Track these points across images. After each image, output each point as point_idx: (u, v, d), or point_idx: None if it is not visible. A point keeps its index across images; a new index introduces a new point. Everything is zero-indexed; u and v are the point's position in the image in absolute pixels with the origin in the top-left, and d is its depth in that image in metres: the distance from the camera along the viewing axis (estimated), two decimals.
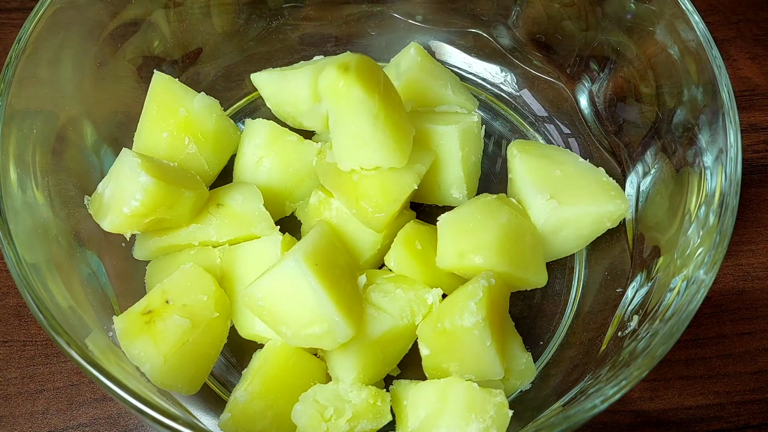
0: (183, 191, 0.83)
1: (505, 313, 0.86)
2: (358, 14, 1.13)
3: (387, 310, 0.83)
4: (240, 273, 0.87)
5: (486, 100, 1.13)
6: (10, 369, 0.93)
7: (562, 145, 1.07)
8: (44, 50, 0.83)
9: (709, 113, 0.81)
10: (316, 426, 0.76)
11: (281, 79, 1.00)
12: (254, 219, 0.88)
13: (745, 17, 1.25)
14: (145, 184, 0.79)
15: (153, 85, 0.93)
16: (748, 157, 1.13)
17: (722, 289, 1.02)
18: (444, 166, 0.94)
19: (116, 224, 0.82)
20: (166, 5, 0.99)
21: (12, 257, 0.71)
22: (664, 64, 0.89)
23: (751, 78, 1.19)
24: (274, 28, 1.10)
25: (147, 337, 0.77)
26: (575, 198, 0.90)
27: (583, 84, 1.04)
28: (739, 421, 0.93)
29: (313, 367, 0.83)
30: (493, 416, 0.76)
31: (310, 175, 0.96)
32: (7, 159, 0.76)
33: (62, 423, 0.90)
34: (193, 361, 0.79)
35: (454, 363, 0.79)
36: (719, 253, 0.71)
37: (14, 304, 0.98)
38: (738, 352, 0.97)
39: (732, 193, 0.74)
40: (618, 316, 0.86)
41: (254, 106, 1.11)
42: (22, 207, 0.77)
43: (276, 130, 0.95)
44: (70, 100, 0.88)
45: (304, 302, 0.76)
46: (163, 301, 0.80)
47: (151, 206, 0.80)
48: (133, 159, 0.81)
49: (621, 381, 0.67)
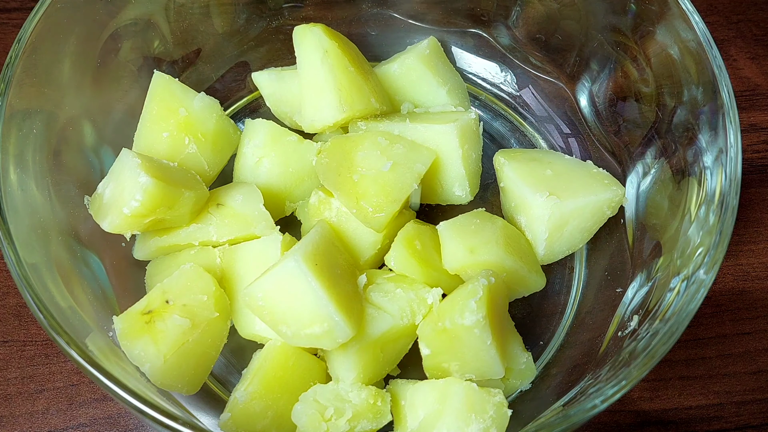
0: (183, 191, 0.83)
1: (505, 313, 0.86)
2: (358, 14, 1.13)
3: (387, 310, 0.83)
4: (240, 273, 0.87)
5: (486, 100, 1.13)
6: (10, 369, 0.93)
7: (562, 145, 1.07)
8: (44, 50, 0.83)
9: (709, 113, 0.81)
10: (316, 426, 0.76)
11: (281, 79, 1.00)
12: (254, 219, 0.88)
13: (745, 17, 1.26)
14: (144, 184, 0.79)
15: (153, 85, 0.93)
16: (748, 157, 1.13)
17: (722, 289, 1.02)
18: (445, 164, 0.94)
19: (116, 225, 0.82)
20: (166, 5, 0.99)
21: (12, 257, 0.71)
22: (664, 64, 0.89)
23: (751, 78, 1.19)
24: (274, 28, 1.10)
25: (147, 337, 0.77)
26: (573, 192, 0.91)
27: (583, 84, 1.04)
28: (739, 421, 0.93)
29: (313, 367, 0.83)
30: (493, 416, 0.76)
31: (310, 175, 0.96)
32: (7, 159, 0.76)
33: (62, 423, 0.90)
34: (193, 361, 0.79)
35: (455, 362, 0.79)
36: (719, 253, 0.71)
37: (14, 304, 0.98)
38: (738, 352, 0.97)
39: (732, 193, 0.74)
40: (618, 316, 0.86)
41: (254, 106, 1.11)
42: (22, 207, 0.77)
43: (276, 130, 0.95)
44: (70, 100, 0.88)
45: (304, 302, 0.76)
46: (163, 301, 0.80)
47: (151, 206, 0.80)
48: (133, 159, 0.81)
49: (621, 381, 0.67)
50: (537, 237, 0.93)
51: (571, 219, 0.91)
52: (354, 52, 0.97)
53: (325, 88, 0.92)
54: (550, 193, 0.91)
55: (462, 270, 0.87)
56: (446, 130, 0.93)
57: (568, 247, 0.95)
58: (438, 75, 1.02)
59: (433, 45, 1.04)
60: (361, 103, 0.92)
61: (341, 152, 0.91)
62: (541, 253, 0.93)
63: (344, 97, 0.91)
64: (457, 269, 0.87)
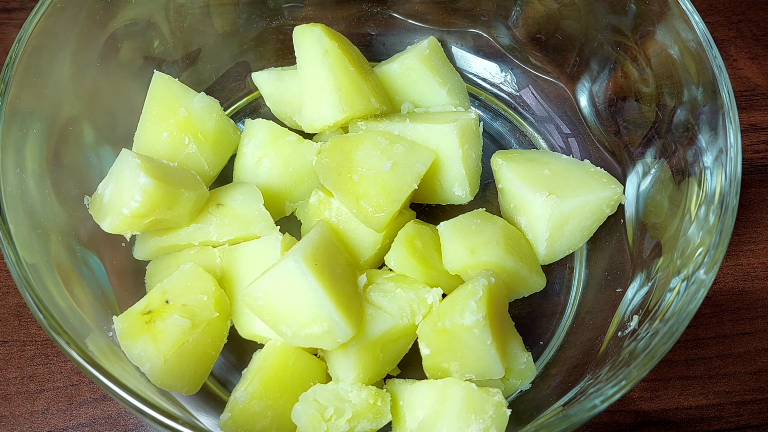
0: (182, 191, 0.83)
1: (505, 313, 0.86)
2: (358, 14, 1.13)
3: (387, 310, 0.83)
4: (240, 273, 0.87)
5: (486, 100, 1.13)
6: (10, 369, 0.93)
7: (562, 145, 1.07)
8: (44, 50, 0.83)
9: (709, 113, 0.81)
10: (316, 426, 0.76)
11: (281, 79, 1.00)
12: (254, 219, 0.88)
13: (745, 17, 1.25)
14: (144, 185, 0.79)
15: (153, 85, 0.93)
16: (748, 157, 1.13)
17: (722, 289, 1.02)
18: (445, 164, 0.94)
19: (116, 225, 0.82)
20: (166, 5, 0.99)
21: (12, 257, 0.71)
22: (664, 64, 0.89)
23: (751, 78, 1.19)
24: (274, 28, 1.10)
25: (147, 337, 0.77)
26: (572, 191, 0.91)
27: (583, 84, 1.04)
28: (739, 421, 0.93)
29: (313, 367, 0.83)
30: (492, 416, 0.76)
31: (310, 175, 0.96)
32: (7, 159, 0.76)
33: (62, 423, 0.90)
34: (193, 361, 0.79)
35: (455, 362, 0.79)
36: (719, 253, 0.71)
37: (14, 304, 0.98)
38: (738, 352, 0.97)
39: (732, 193, 0.74)
40: (618, 316, 0.86)
41: (254, 106, 1.11)
42: (22, 207, 0.77)
43: (276, 130, 0.95)
44: (70, 100, 0.88)
45: (304, 302, 0.76)
46: (163, 301, 0.80)
47: (151, 207, 0.80)
48: (133, 160, 0.81)
49: (621, 381, 0.67)
50: (538, 237, 0.93)
51: (571, 218, 0.91)
52: (354, 52, 0.97)
53: (325, 88, 0.92)
54: (549, 193, 0.91)
55: (462, 270, 0.87)
56: (446, 130, 0.93)
57: (569, 246, 0.95)
58: (438, 75, 1.02)
59: (433, 45, 1.04)
60: (361, 103, 0.92)
61: (341, 152, 0.91)
62: (542, 252, 0.93)
63: (344, 97, 0.91)
64: (458, 269, 0.87)
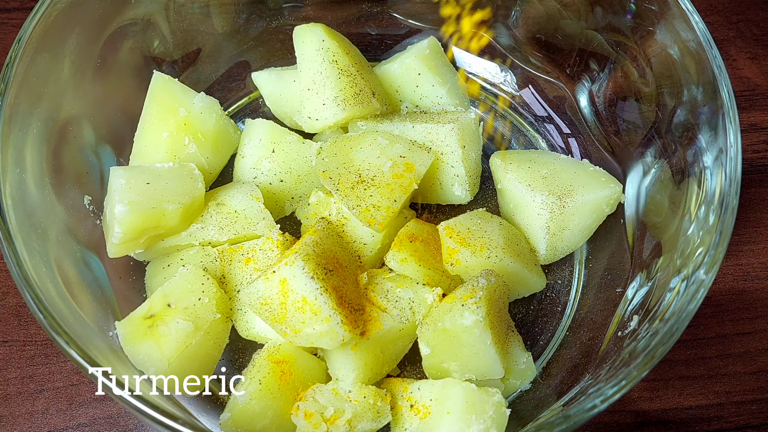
0: (165, 207, 0.83)
1: (505, 313, 0.86)
2: (358, 14, 1.13)
3: (387, 310, 0.83)
4: (240, 273, 0.87)
5: (486, 100, 1.13)
6: (10, 369, 0.93)
7: (562, 145, 1.07)
8: (44, 50, 0.83)
9: (709, 113, 0.81)
10: (316, 426, 0.76)
11: (281, 79, 1.00)
12: (254, 218, 0.88)
13: (745, 17, 1.25)
14: (120, 216, 0.80)
15: (153, 85, 0.93)
16: (748, 157, 1.13)
17: (722, 289, 1.02)
18: (444, 164, 0.94)
19: (114, 252, 0.85)
20: (166, 5, 0.99)
21: (12, 257, 0.71)
22: (664, 64, 0.89)
23: (751, 78, 1.19)
24: (274, 28, 1.10)
25: (150, 342, 0.77)
26: (571, 190, 0.92)
27: (583, 84, 1.04)
28: (739, 421, 0.93)
29: (313, 367, 0.83)
30: (492, 416, 0.76)
31: (310, 175, 0.96)
32: (7, 159, 0.76)
33: (62, 423, 0.90)
34: (196, 363, 0.79)
35: (455, 362, 0.79)
36: (719, 253, 0.71)
37: (14, 304, 0.98)
38: (738, 352, 0.97)
39: (732, 193, 0.74)
40: (618, 316, 0.86)
41: (254, 106, 1.11)
42: (22, 207, 0.77)
43: (276, 130, 0.95)
44: (70, 100, 0.88)
45: (304, 302, 0.76)
46: (165, 304, 0.80)
47: (134, 234, 0.82)
48: (117, 180, 0.82)
49: (621, 381, 0.67)
50: (538, 237, 0.93)
51: (571, 218, 0.91)
52: (354, 52, 0.97)
53: (325, 87, 0.92)
54: (549, 193, 0.91)
55: (462, 270, 0.87)
56: (446, 130, 0.93)
57: (569, 245, 0.95)
58: (438, 75, 1.02)
59: (433, 45, 1.04)
60: (361, 103, 0.92)
61: (341, 152, 0.91)
62: (542, 252, 0.93)
63: (344, 97, 0.91)
64: (458, 269, 0.87)
